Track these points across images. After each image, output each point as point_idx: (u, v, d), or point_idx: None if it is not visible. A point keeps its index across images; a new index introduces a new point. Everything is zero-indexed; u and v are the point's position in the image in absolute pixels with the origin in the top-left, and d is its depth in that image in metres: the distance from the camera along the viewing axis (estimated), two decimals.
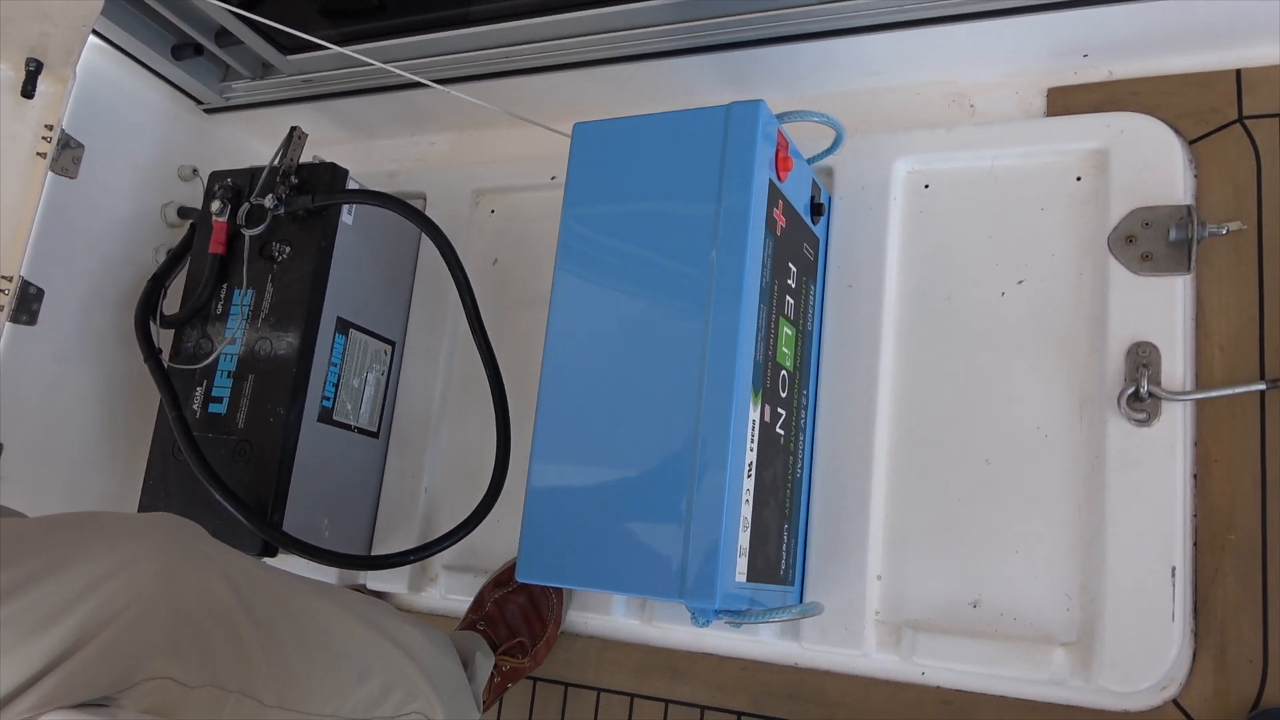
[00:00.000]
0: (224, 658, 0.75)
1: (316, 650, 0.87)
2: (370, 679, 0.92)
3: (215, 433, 1.20)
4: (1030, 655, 0.99)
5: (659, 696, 1.14)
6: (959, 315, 1.10)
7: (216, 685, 0.74)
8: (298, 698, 0.82)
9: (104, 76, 1.34)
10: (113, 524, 0.75)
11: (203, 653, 0.73)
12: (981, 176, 1.13)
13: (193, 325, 1.26)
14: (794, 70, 1.21)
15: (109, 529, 0.74)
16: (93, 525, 0.74)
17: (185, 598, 0.73)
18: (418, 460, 1.32)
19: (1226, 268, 1.01)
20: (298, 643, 0.84)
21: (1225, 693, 0.93)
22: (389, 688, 0.94)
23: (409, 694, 0.96)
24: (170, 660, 0.71)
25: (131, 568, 0.71)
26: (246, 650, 0.77)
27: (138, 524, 0.77)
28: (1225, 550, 0.96)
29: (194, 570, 0.75)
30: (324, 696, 0.86)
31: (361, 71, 1.37)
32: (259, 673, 0.78)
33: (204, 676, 0.73)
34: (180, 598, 0.73)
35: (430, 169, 1.48)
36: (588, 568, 0.93)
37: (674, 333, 0.93)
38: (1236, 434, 0.98)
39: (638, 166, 0.98)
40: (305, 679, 0.84)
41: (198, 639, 0.73)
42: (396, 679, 0.95)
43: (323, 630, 0.89)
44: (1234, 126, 1.04)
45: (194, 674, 0.72)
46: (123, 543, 0.72)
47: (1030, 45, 1.11)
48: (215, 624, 0.75)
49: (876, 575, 1.07)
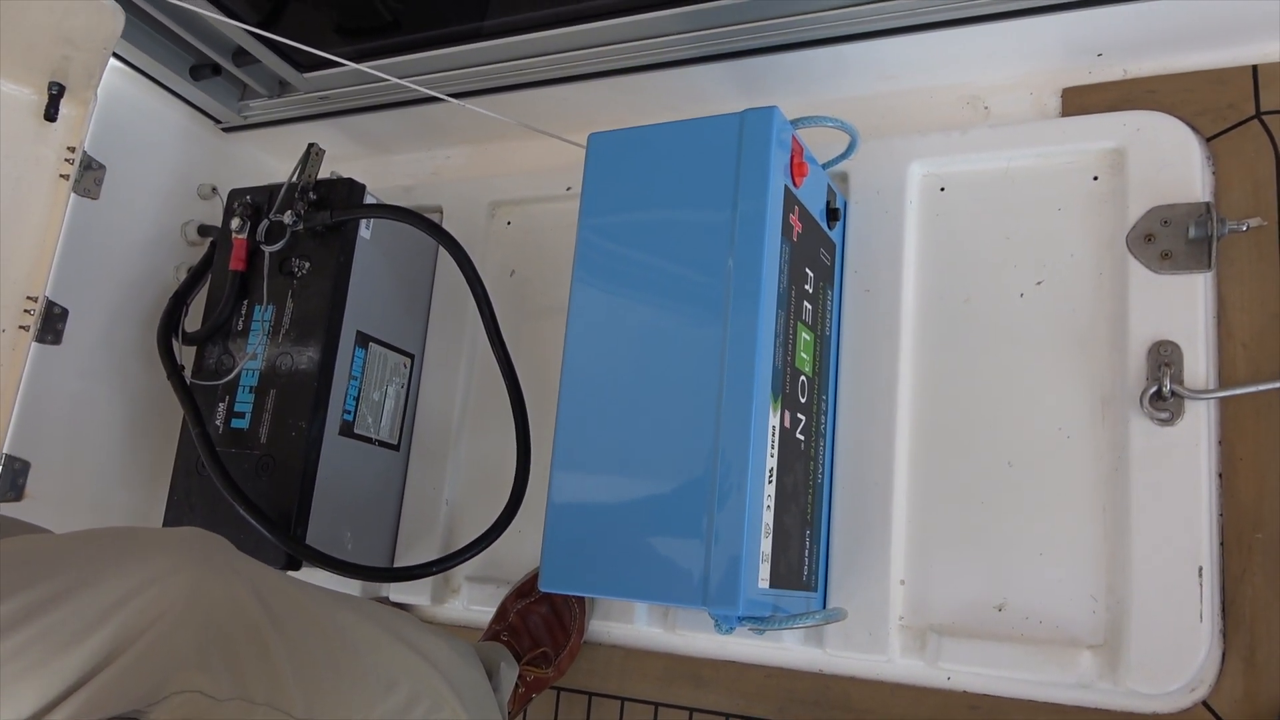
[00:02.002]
0: (252, 670, 0.76)
1: (343, 662, 0.87)
2: (397, 690, 0.92)
3: (238, 448, 1.21)
4: (1057, 658, 0.98)
5: (683, 705, 1.13)
6: (978, 317, 1.10)
7: (245, 698, 0.74)
8: (325, 709, 0.82)
9: (124, 98, 1.36)
10: (141, 539, 0.76)
11: (231, 665, 0.74)
12: (997, 178, 1.12)
13: (214, 342, 1.27)
14: (807, 76, 1.21)
15: (138, 544, 0.74)
16: (121, 540, 0.75)
17: (214, 611, 0.73)
18: (439, 472, 1.33)
19: (1247, 264, 1.01)
20: (325, 655, 0.85)
21: (1255, 694, 0.92)
22: (415, 698, 0.94)
23: (435, 704, 0.96)
24: (199, 673, 0.71)
25: (160, 582, 0.71)
26: (274, 663, 0.78)
27: (166, 538, 0.77)
28: (1253, 549, 0.95)
29: (222, 583, 0.75)
30: (351, 708, 0.86)
31: (377, 87, 1.38)
32: (287, 685, 0.78)
33: (233, 689, 0.73)
34: (209, 611, 0.73)
35: (446, 182, 1.49)
36: (610, 576, 0.93)
37: (692, 340, 0.93)
38: (1261, 431, 0.97)
39: (653, 176, 0.99)
40: (333, 690, 0.84)
41: (226, 652, 0.74)
42: (423, 690, 0.95)
43: (349, 642, 0.89)
44: (1252, 122, 1.04)
45: (223, 687, 0.73)
46: (152, 557, 0.73)
47: (1044, 46, 1.11)
48: (243, 637, 0.76)
49: (900, 580, 1.07)
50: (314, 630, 0.84)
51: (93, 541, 0.74)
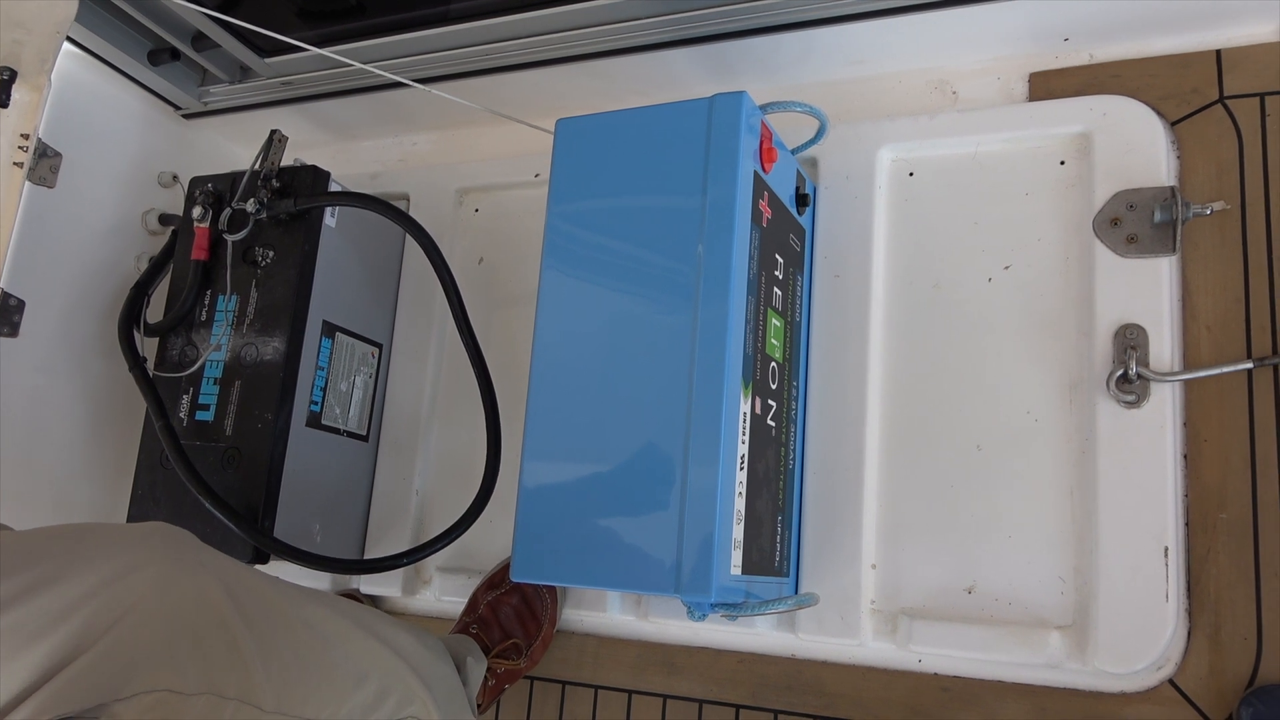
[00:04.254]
0: (221, 664, 0.75)
1: (313, 655, 0.87)
2: (367, 683, 0.92)
3: (203, 440, 1.19)
4: (1026, 639, 0.99)
5: (657, 692, 1.13)
6: (947, 302, 1.10)
7: (214, 692, 0.74)
8: (295, 702, 0.82)
9: (80, 84, 1.33)
10: (107, 534, 0.75)
11: (200, 660, 0.73)
12: (966, 163, 1.13)
13: (177, 333, 1.25)
14: (776, 61, 1.20)
15: (104, 539, 0.73)
16: (88, 536, 0.74)
17: (181, 605, 0.73)
18: (408, 462, 1.32)
19: (1211, 248, 1.02)
20: (294, 648, 0.84)
21: (1221, 671, 0.94)
22: (385, 692, 0.94)
23: (405, 698, 0.96)
24: (167, 670, 0.70)
25: (127, 577, 0.70)
26: (244, 656, 0.77)
27: (132, 533, 0.76)
28: (1217, 529, 0.96)
29: (189, 577, 0.75)
30: (321, 701, 0.86)
31: (341, 73, 1.36)
32: (257, 678, 0.78)
33: (202, 684, 0.73)
34: (177, 605, 0.72)
35: (413, 169, 1.47)
36: (582, 566, 0.92)
37: (662, 327, 0.92)
38: (1225, 413, 0.98)
39: (621, 161, 0.98)
40: (302, 683, 0.84)
41: (195, 646, 0.73)
42: (392, 683, 0.95)
43: (319, 635, 0.88)
44: (1215, 107, 1.04)
45: (191, 681, 0.72)
46: (118, 552, 0.72)
47: (1011, 30, 1.11)
48: (212, 630, 0.75)
49: (871, 564, 1.07)
50: (283, 624, 0.84)
51: (57, 538, 0.72)
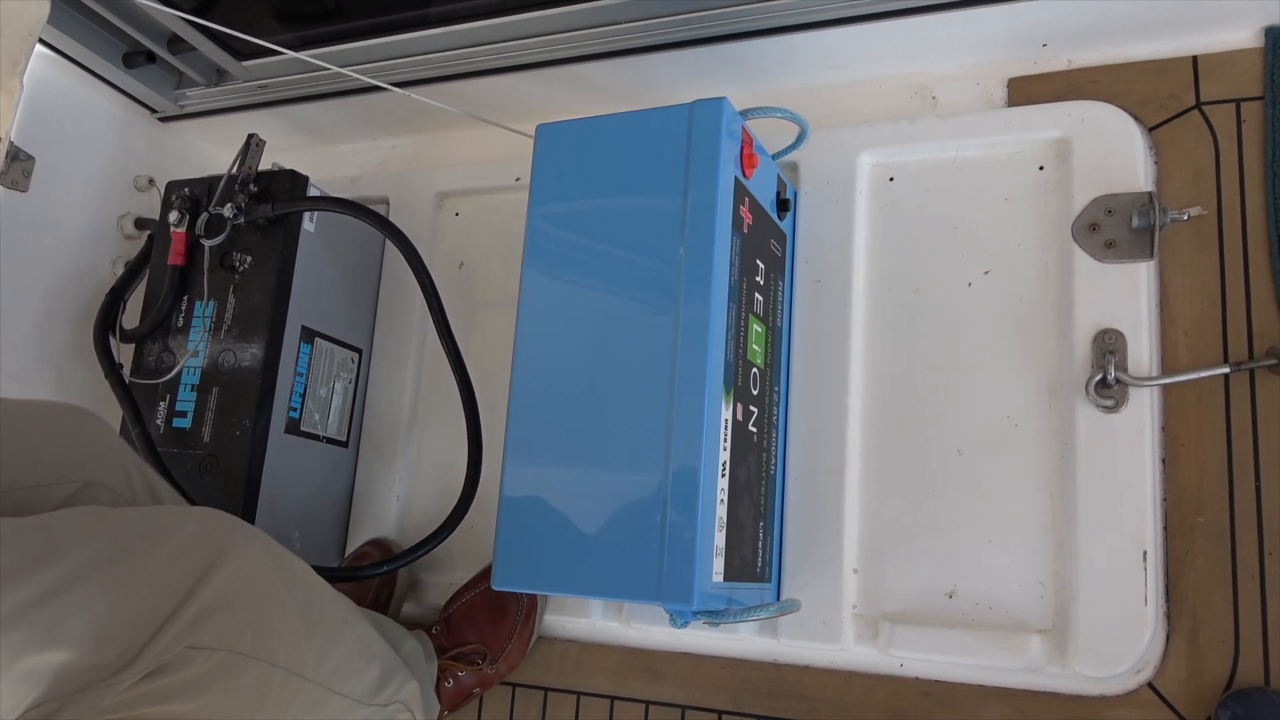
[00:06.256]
0: (277, 633, 0.80)
1: (339, 631, 0.91)
2: (374, 665, 0.96)
3: (180, 448, 1.18)
4: (1007, 643, 0.99)
5: (639, 698, 1.13)
6: (927, 307, 1.11)
7: (268, 660, 0.79)
8: (326, 674, 0.87)
9: (53, 86, 1.31)
10: (172, 511, 0.79)
11: (260, 626, 0.78)
12: (945, 168, 1.13)
13: (153, 339, 1.24)
14: (756, 66, 1.20)
15: (171, 514, 0.78)
16: (158, 514, 0.78)
17: (245, 573, 0.77)
18: (389, 468, 1.31)
19: (1188, 253, 1.02)
20: (327, 623, 0.88)
21: (1199, 674, 0.94)
22: (386, 677, 0.98)
23: (399, 684, 0.99)
24: (233, 630, 0.75)
25: (200, 545, 0.75)
26: (292, 627, 0.82)
27: (192, 510, 0.80)
28: (1195, 533, 0.97)
29: (250, 547, 0.79)
30: (344, 676, 0.90)
31: (320, 76, 1.34)
32: (301, 649, 0.83)
33: (259, 649, 0.77)
34: (241, 573, 0.77)
35: (392, 173, 1.46)
36: (564, 573, 0.92)
37: (643, 334, 0.92)
38: (1203, 417, 0.99)
39: (602, 168, 0.98)
40: (333, 656, 0.88)
41: (257, 613, 0.78)
42: (391, 669, 0.99)
43: (340, 614, 0.93)
44: (1192, 113, 1.05)
45: (249, 645, 0.76)
46: (185, 523, 0.76)
47: (990, 36, 1.12)
48: (269, 600, 0.80)
49: (853, 569, 1.07)
50: (318, 600, 0.89)
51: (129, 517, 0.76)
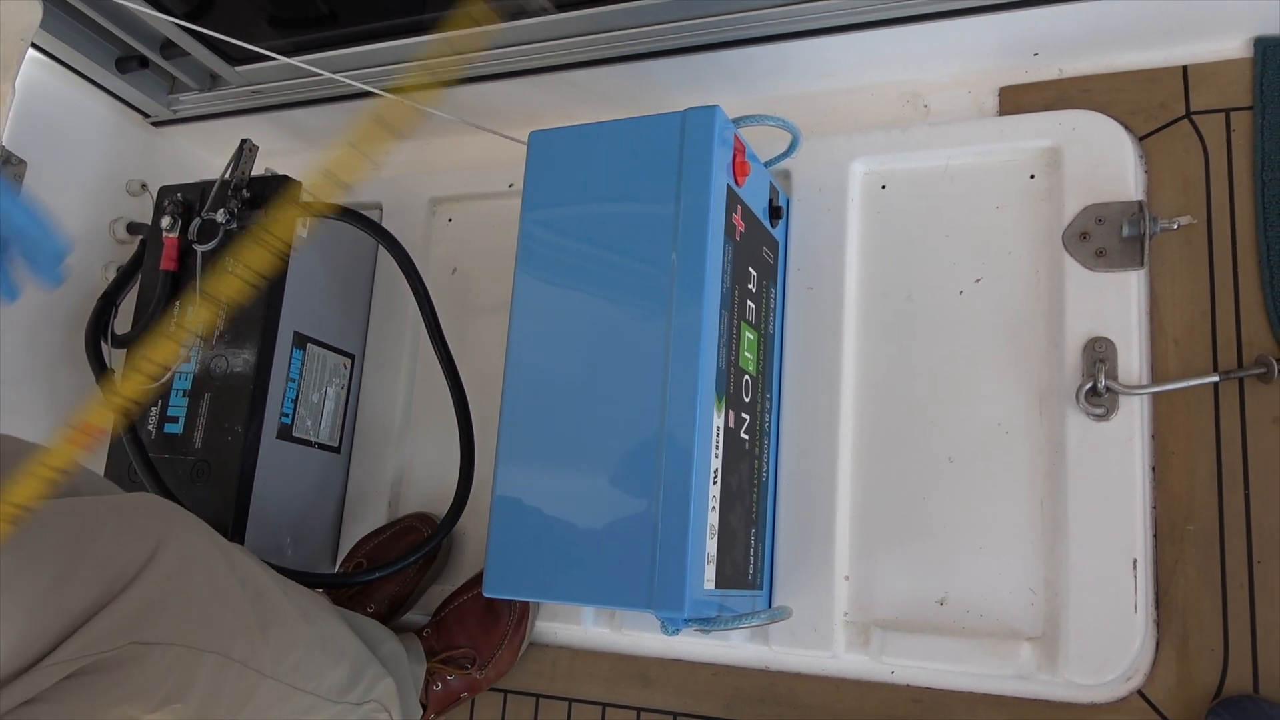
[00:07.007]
0: (229, 627, 0.79)
1: (298, 628, 0.89)
2: (343, 663, 0.95)
3: (172, 453, 1.17)
4: (997, 650, 0.99)
5: (631, 705, 1.13)
6: (919, 315, 1.11)
7: (223, 654, 0.77)
8: (287, 670, 0.85)
9: (45, 91, 1.31)
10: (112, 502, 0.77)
11: (211, 620, 0.77)
12: (937, 176, 1.13)
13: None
14: (749, 74, 1.21)
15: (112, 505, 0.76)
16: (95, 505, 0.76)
17: (194, 566, 0.76)
18: (381, 474, 1.30)
19: (1178, 262, 1.03)
20: (283, 619, 0.87)
21: (1189, 682, 0.95)
22: (356, 675, 0.96)
23: (370, 684, 0.98)
24: (185, 623, 0.74)
25: (145, 537, 0.74)
26: (247, 621, 0.81)
27: (133, 500, 0.79)
28: (1185, 541, 0.97)
29: (197, 540, 0.78)
30: (307, 673, 0.88)
31: (313, 82, 1.34)
32: (257, 643, 0.81)
33: (213, 643, 0.76)
34: (190, 565, 0.76)
35: (385, 179, 1.46)
36: (555, 581, 0.92)
37: (635, 341, 0.92)
38: (1192, 426, 0.99)
39: (595, 175, 0.98)
40: (292, 652, 0.86)
41: (207, 606, 0.77)
42: (362, 667, 0.98)
43: (300, 609, 0.91)
44: (1182, 122, 1.06)
45: (204, 639, 0.75)
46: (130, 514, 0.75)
47: (982, 45, 1.12)
48: (220, 593, 0.79)
49: (844, 576, 1.07)
50: (271, 595, 0.87)
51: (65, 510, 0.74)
